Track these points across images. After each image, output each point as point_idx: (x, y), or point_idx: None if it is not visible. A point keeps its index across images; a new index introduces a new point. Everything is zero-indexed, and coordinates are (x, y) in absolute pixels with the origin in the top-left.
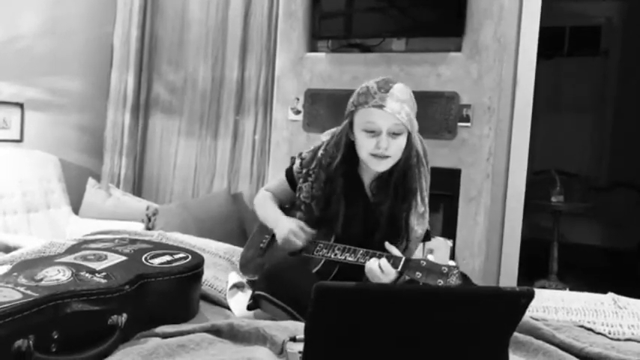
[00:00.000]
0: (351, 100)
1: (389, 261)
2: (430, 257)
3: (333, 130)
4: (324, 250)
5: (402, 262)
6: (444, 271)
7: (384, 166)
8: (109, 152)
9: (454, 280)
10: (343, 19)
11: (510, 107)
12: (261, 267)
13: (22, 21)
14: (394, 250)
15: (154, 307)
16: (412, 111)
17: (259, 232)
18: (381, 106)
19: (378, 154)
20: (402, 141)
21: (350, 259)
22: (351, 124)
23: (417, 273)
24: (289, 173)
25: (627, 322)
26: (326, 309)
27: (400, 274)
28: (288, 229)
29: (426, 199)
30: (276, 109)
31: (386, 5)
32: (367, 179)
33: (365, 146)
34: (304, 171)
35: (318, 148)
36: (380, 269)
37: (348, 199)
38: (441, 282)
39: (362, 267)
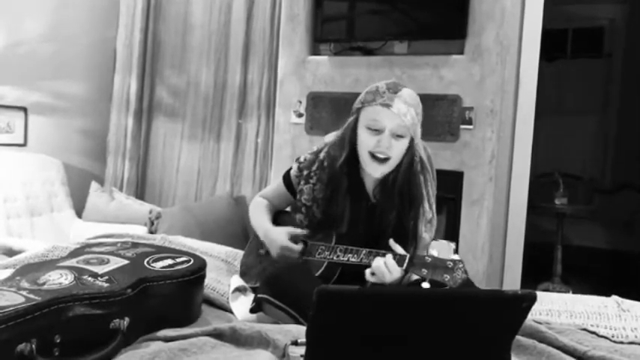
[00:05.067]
0: (358, 98)
1: (393, 259)
2: (434, 252)
3: (337, 132)
4: (326, 253)
5: (406, 260)
6: (450, 266)
7: (381, 171)
8: (112, 156)
9: (460, 275)
10: (345, 22)
11: (513, 110)
12: (262, 273)
13: (25, 26)
14: (398, 248)
15: (156, 310)
16: (418, 117)
17: (257, 238)
18: (388, 106)
19: (377, 155)
20: (403, 144)
21: (353, 259)
22: (356, 122)
23: (423, 269)
24: (287, 178)
25: (631, 325)
26: (327, 313)
27: (405, 271)
28: (279, 246)
29: (434, 206)
30: (279, 112)
31: (388, 8)
32: (369, 183)
33: (366, 143)
34: (305, 173)
35: (320, 150)
36: (386, 268)
37: (351, 199)
38: (447, 277)
39: (365, 267)
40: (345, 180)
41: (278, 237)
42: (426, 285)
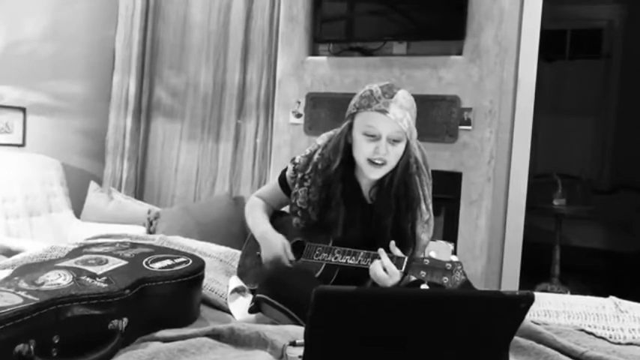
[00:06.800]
0: (352, 102)
1: (392, 261)
2: (432, 254)
3: (330, 133)
4: (324, 254)
5: (405, 262)
6: (448, 268)
7: (379, 174)
8: (110, 156)
9: (459, 276)
10: (344, 22)
11: (511, 110)
12: (260, 275)
13: (24, 25)
14: (396, 250)
15: (154, 311)
16: (413, 119)
17: (254, 239)
18: (384, 111)
19: (374, 160)
20: (400, 148)
21: (351, 262)
22: (350, 127)
23: (422, 272)
24: (282, 179)
25: (628, 325)
26: (326, 313)
27: (404, 274)
28: (273, 253)
29: (430, 206)
30: (278, 112)
31: (387, 9)
32: (365, 184)
33: (363, 150)
34: (299, 176)
35: (314, 152)
36: (384, 271)
37: (346, 203)
38: (446, 279)
39: (363, 269)
40: (340, 184)
41: (276, 244)
42: (424, 287)
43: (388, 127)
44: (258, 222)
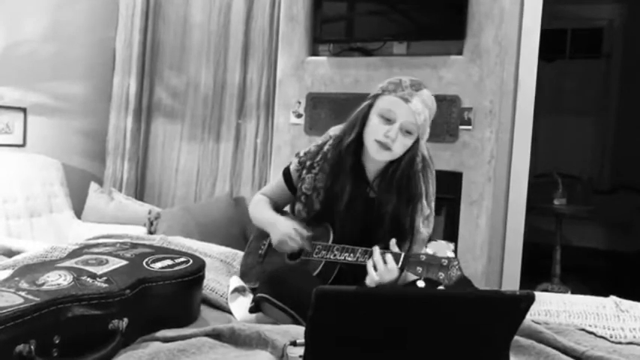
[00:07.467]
0: (380, 85)
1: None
2: (429, 250)
3: (341, 126)
4: (323, 252)
5: (401, 258)
6: (444, 264)
7: (383, 156)
8: (111, 156)
9: (455, 273)
10: (344, 22)
11: (512, 110)
12: (262, 274)
13: (24, 26)
14: (394, 248)
15: (155, 311)
16: (429, 119)
17: (257, 239)
18: (407, 100)
19: (381, 141)
20: (409, 141)
21: (349, 258)
22: (370, 107)
23: (418, 268)
24: (287, 174)
25: (629, 325)
26: (326, 313)
27: (401, 270)
28: (283, 232)
29: (432, 203)
30: (278, 112)
31: (387, 9)
32: (370, 173)
33: (374, 131)
34: (308, 163)
35: (325, 142)
36: (385, 268)
37: (352, 182)
38: (442, 275)
39: (363, 266)
40: (350, 159)
41: (283, 224)
42: (420, 283)
43: (405, 115)
44: (264, 214)
